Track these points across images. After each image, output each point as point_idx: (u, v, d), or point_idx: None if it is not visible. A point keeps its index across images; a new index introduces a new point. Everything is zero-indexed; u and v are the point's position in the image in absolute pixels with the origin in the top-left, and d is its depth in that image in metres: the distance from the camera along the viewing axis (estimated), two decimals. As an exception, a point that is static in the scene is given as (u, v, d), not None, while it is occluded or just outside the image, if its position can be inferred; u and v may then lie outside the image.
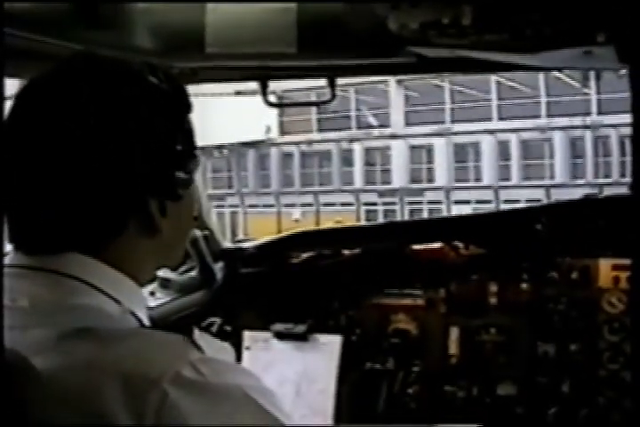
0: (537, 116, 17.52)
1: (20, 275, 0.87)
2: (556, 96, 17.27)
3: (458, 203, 16.64)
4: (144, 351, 0.80)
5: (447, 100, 18.64)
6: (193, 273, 2.32)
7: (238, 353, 2.07)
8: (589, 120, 16.77)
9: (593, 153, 16.99)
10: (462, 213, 3.28)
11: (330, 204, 17.91)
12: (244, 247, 2.45)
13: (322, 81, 1.94)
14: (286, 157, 20.16)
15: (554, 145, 17.40)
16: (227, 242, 2.51)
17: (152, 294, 2.19)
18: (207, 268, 2.31)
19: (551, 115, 17.39)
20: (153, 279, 2.10)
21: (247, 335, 2.12)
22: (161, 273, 2.17)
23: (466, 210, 12.97)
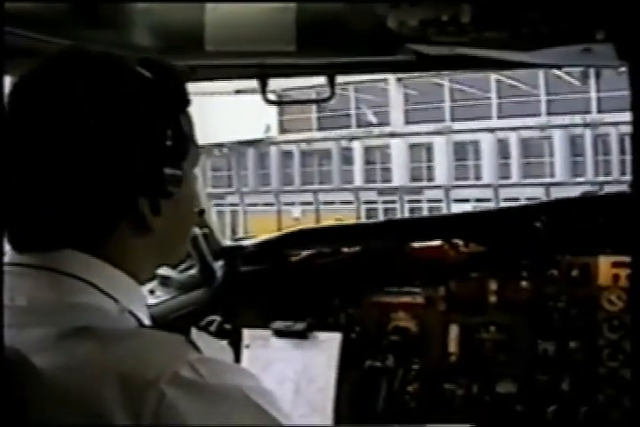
0: (537, 114, 17.52)
1: (19, 273, 0.87)
2: (556, 94, 17.27)
3: (458, 201, 16.61)
4: (142, 351, 0.79)
5: (447, 98, 18.64)
6: (193, 271, 2.32)
7: (238, 351, 2.07)
8: (589, 118, 16.77)
9: (593, 151, 17.00)
10: (462, 211, 3.28)
11: (330, 202, 17.89)
12: (244, 245, 2.45)
13: (321, 79, 1.94)
14: (286, 156, 20.16)
15: (554, 143, 17.40)
16: (226, 240, 2.51)
17: (152, 293, 2.19)
18: (207, 266, 2.31)
19: (551, 113, 17.40)
20: (153, 277, 2.10)
21: (247, 333, 2.12)
22: (161, 271, 2.17)
23: (466, 208, 12.95)
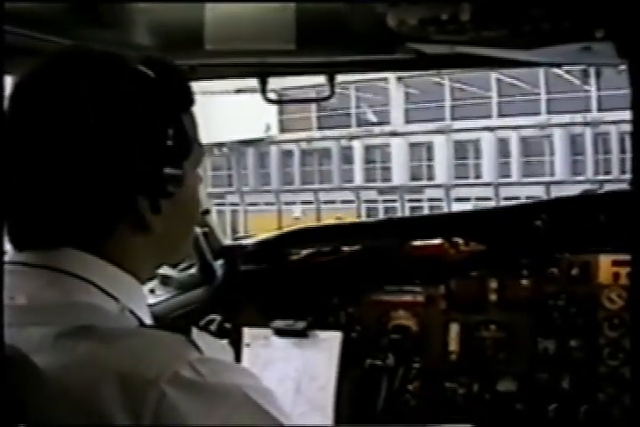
0: (537, 113, 17.52)
1: (19, 272, 0.87)
2: (556, 93, 17.26)
3: (458, 200, 16.62)
4: (142, 351, 0.79)
5: (447, 97, 18.64)
6: (193, 270, 2.32)
7: (238, 350, 2.07)
8: (589, 117, 16.76)
9: (593, 150, 17.00)
10: (462, 210, 3.27)
11: (330, 201, 17.90)
12: (244, 245, 2.45)
13: (321, 78, 1.93)
14: (286, 155, 20.16)
15: (554, 142, 17.40)
16: (227, 240, 2.51)
17: (152, 292, 2.19)
18: (207, 265, 2.31)
19: (551, 112, 17.40)
20: (153, 276, 2.10)
21: (247, 332, 2.12)
22: (161, 270, 2.17)
23: (466, 207, 12.95)
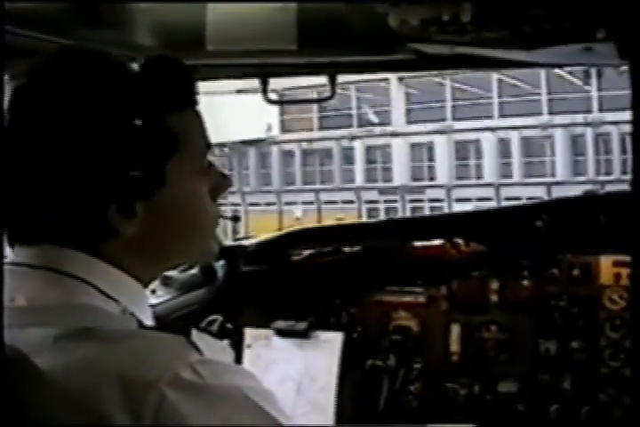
0: (538, 113, 17.50)
1: (19, 273, 0.86)
2: (558, 93, 17.25)
3: (459, 201, 16.61)
4: (143, 353, 0.79)
5: (448, 97, 18.62)
6: (194, 271, 2.32)
7: (239, 351, 2.07)
8: (590, 117, 16.75)
9: (594, 150, 16.97)
10: (463, 210, 3.27)
11: (331, 202, 17.89)
12: (245, 245, 2.45)
13: (322, 79, 1.93)
14: (287, 156, 20.15)
15: (555, 142, 17.38)
16: (228, 240, 2.51)
17: (153, 292, 2.18)
18: (208, 266, 2.31)
19: (552, 112, 17.37)
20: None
21: (248, 333, 2.12)
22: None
23: (467, 208, 12.95)
